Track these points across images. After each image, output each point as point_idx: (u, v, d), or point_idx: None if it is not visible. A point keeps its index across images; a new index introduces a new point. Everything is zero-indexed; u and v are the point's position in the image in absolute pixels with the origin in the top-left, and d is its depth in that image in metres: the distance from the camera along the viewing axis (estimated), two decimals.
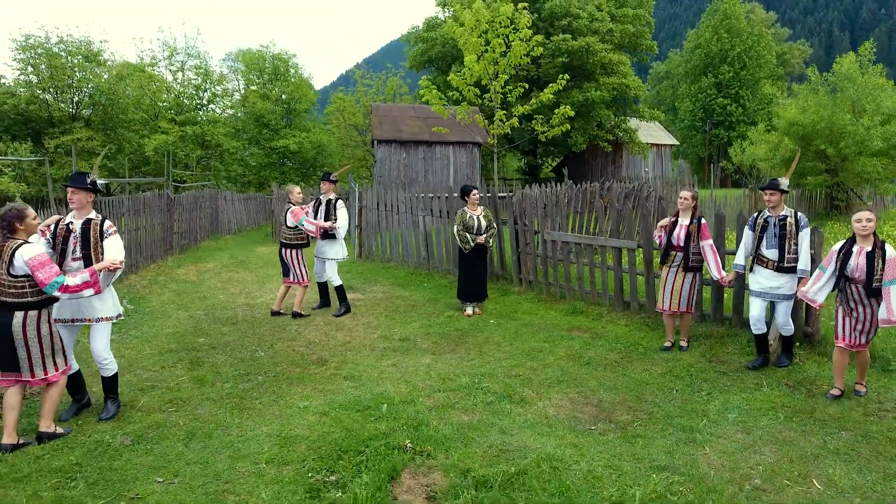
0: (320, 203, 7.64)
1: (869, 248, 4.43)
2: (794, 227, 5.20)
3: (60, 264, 4.23)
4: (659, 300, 6.05)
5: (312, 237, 7.60)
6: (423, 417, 4.33)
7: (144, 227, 10.97)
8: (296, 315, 7.44)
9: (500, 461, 3.68)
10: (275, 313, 7.54)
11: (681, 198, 5.95)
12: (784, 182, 5.40)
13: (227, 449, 3.97)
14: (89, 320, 4.39)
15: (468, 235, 7.53)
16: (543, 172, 25.29)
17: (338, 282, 7.63)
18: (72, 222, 4.34)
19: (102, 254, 4.30)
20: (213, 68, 32.15)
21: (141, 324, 7.19)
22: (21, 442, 3.98)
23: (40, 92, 26.60)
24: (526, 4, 12.17)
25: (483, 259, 7.68)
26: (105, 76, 28.03)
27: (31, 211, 4.05)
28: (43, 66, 26.18)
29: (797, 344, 5.68)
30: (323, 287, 7.99)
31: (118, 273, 4.37)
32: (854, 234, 4.54)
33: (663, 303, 5.97)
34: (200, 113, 29.12)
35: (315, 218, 7.56)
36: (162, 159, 27.90)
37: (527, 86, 12.74)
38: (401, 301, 8.32)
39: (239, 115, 32.91)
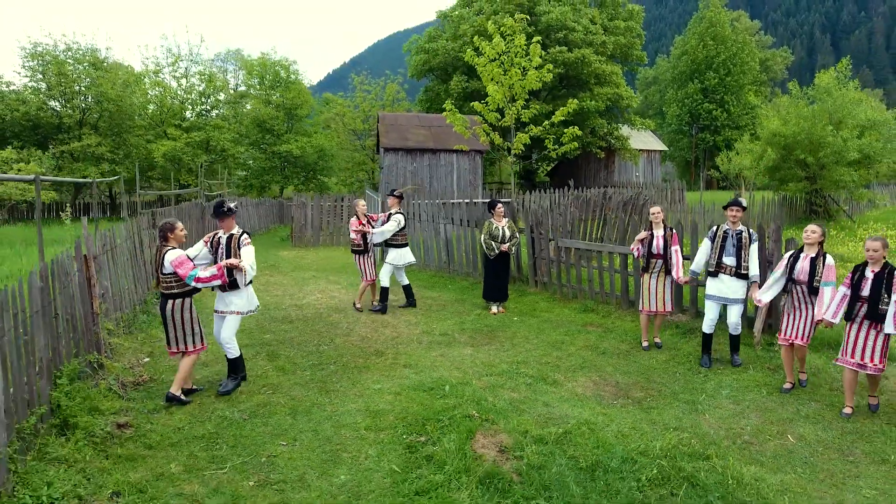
0: (390, 216, 8.67)
1: (813, 255, 5.44)
2: (747, 240, 6.13)
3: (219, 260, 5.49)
4: (644, 303, 6.91)
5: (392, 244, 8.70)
6: (480, 395, 5.38)
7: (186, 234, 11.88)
8: (354, 307, 8.59)
9: (548, 425, 4.75)
10: (358, 309, 8.64)
11: (652, 213, 6.94)
12: (744, 201, 6.47)
13: (327, 420, 5.00)
14: (226, 312, 5.48)
15: (493, 243, 8.59)
16: (538, 177, 26.40)
17: (385, 283, 8.66)
18: (221, 235, 5.44)
19: (239, 258, 5.41)
20: (216, 73, 32.79)
21: (208, 323, 8.16)
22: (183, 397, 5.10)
23: (48, 99, 27.25)
24: (539, 39, 13.23)
25: (506, 264, 8.75)
26: (111, 83, 28.75)
27: (179, 224, 5.25)
28: (51, 74, 26.83)
29: (766, 336, 6.80)
30: (406, 288, 8.98)
31: (249, 274, 5.42)
32: (803, 243, 5.60)
33: (649, 305, 6.87)
34: (205, 119, 29.86)
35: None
36: (168, 164, 28.66)
37: (538, 106, 13.85)
38: (431, 301, 9.36)
39: (236, 114, 33.61)
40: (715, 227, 6.42)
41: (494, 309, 8.62)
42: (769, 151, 16.98)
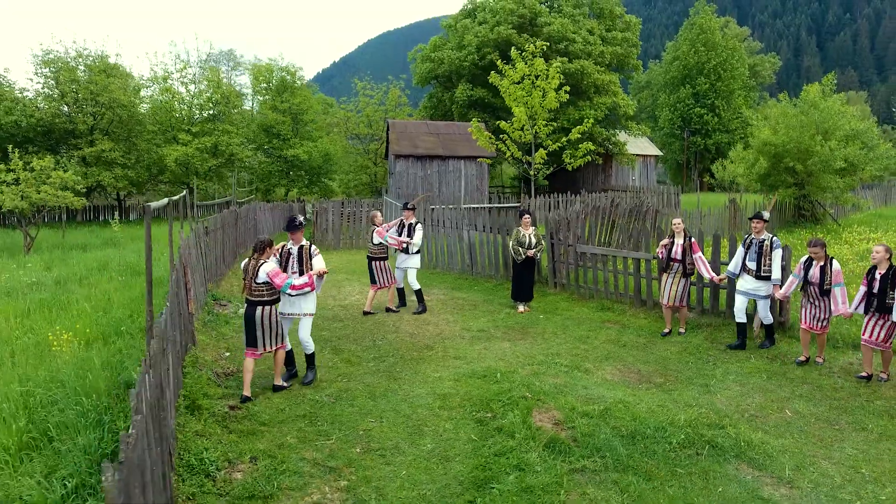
0: (403, 225, 9.60)
1: (822, 264, 6.62)
2: (769, 248, 7.35)
3: (285, 270, 6.34)
4: (663, 297, 8.22)
5: (395, 250, 9.59)
6: (528, 380, 6.37)
7: (224, 240, 12.77)
8: (388, 310, 9.45)
9: (590, 403, 5.75)
10: (366, 313, 9.48)
11: (674, 224, 8.21)
12: (766, 214, 7.58)
13: (403, 402, 5.97)
14: (299, 315, 6.40)
15: (521, 249, 9.59)
16: (539, 181, 27.44)
17: (417, 286, 9.61)
18: (290, 247, 6.37)
19: (311, 267, 6.32)
20: (223, 79, 33.54)
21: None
22: (250, 395, 5.98)
23: (61, 105, 27.88)
24: (559, 64, 14.29)
25: (531, 268, 9.75)
26: (123, 89, 29.43)
27: (273, 242, 6.14)
28: (63, 81, 27.47)
29: (778, 330, 7.87)
30: (400, 291, 9.95)
31: (324, 279, 6.37)
32: (812, 257, 6.76)
33: (666, 299, 8.15)
34: (213, 124, 30.60)
35: (400, 237, 9.54)
36: (178, 168, 29.37)
37: (555, 124, 14.92)
38: (461, 301, 10.35)
39: (243, 118, 34.37)
40: (746, 236, 7.65)
41: (521, 308, 9.62)
42: (761, 160, 18.13)
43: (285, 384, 6.21)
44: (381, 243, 9.51)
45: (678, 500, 4.22)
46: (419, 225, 9.61)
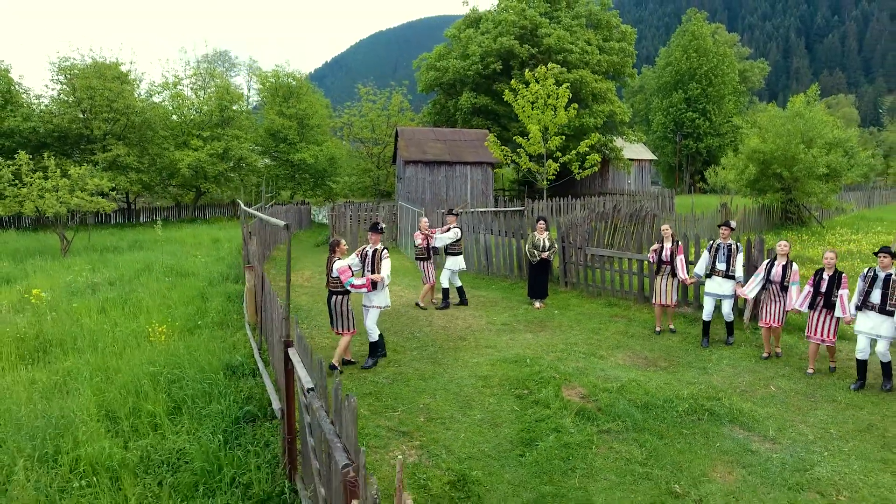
0: (449, 229, 10.75)
1: (784, 263, 7.75)
2: (734, 251, 8.45)
3: (362, 272, 7.40)
4: (656, 296, 9.17)
5: (448, 252, 10.77)
6: (554, 364, 7.50)
7: (261, 241, 13.82)
8: (417, 305, 10.58)
9: (608, 382, 6.88)
10: (421, 307, 10.62)
11: (663, 230, 9.30)
12: (733, 223, 8.76)
13: (450, 383, 7.08)
14: (369, 306, 7.53)
15: (535, 251, 10.72)
16: (540, 184, 28.64)
17: (446, 286, 10.74)
18: (368, 249, 7.50)
19: (380, 269, 7.42)
20: (231, 85, 34.48)
21: (313, 318, 10.16)
22: (338, 367, 7.07)
23: (78, 112, 28.70)
24: (568, 84, 15.50)
25: (545, 269, 10.88)
26: (134, 94, 30.34)
27: (343, 241, 7.28)
28: (79, 87, 28.32)
29: (753, 323, 9.04)
30: (460, 290, 11.04)
31: (386, 282, 7.47)
32: (777, 253, 7.86)
33: (660, 299, 9.12)
34: (224, 130, 31.55)
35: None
36: (189, 172, 30.26)
37: (563, 138, 16.14)
38: (482, 299, 11.47)
39: (252, 123, 35.34)
40: (711, 242, 8.69)
41: (537, 304, 10.75)
42: (750, 166, 19.39)
43: (338, 368, 7.29)
44: (417, 245, 10.69)
45: (685, 452, 5.37)
46: (455, 228, 10.77)
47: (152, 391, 5.52)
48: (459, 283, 11.11)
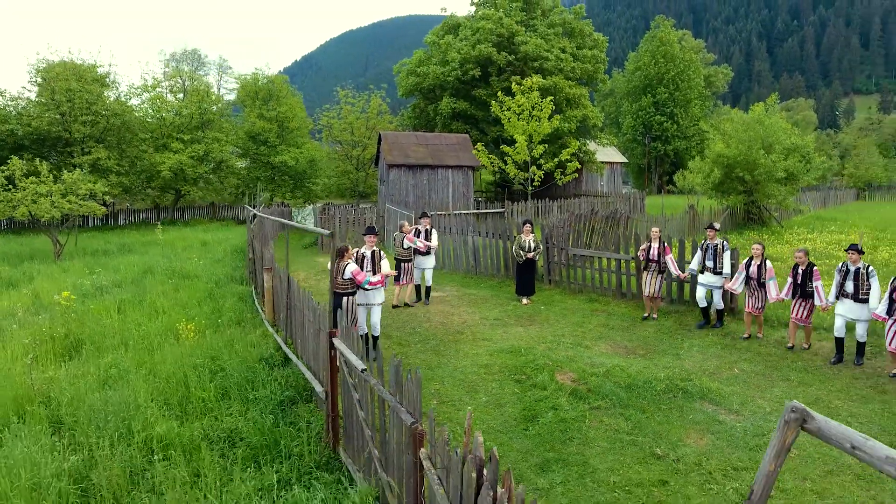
0: (420, 231, 11.52)
1: (759, 262, 8.86)
2: (721, 250, 9.58)
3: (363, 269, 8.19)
4: (644, 289, 10.36)
5: (420, 252, 11.50)
6: (546, 354, 8.40)
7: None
8: (406, 305, 11.35)
9: (595, 367, 7.81)
10: (395, 307, 11.35)
11: (652, 232, 10.37)
12: (717, 224, 9.84)
13: (455, 371, 7.91)
14: (373, 304, 8.29)
15: (521, 252, 11.62)
16: (515, 186, 29.68)
17: (430, 283, 11.56)
18: (364, 251, 8.25)
19: (381, 268, 8.20)
20: (211, 83, 34.63)
21: None
22: None
23: (57, 114, 28.58)
24: (551, 98, 16.50)
25: (531, 268, 11.79)
26: (111, 95, 30.34)
27: (350, 247, 8.02)
28: (59, 90, 28.23)
29: (728, 314, 10.12)
30: (418, 288, 11.84)
31: (391, 276, 8.26)
32: (752, 254, 8.99)
33: (646, 290, 10.30)
34: (204, 133, 31.74)
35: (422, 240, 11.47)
36: (170, 175, 30.39)
37: (546, 146, 17.16)
38: (473, 296, 12.32)
39: (233, 126, 35.57)
40: (703, 242, 9.81)
41: (525, 301, 11.66)
42: (715, 171, 20.71)
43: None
44: (409, 247, 11.41)
45: (664, 423, 6.31)
46: (434, 230, 11.56)
47: (198, 380, 6.22)
48: (430, 283, 11.87)
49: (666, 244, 10.34)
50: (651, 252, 10.24)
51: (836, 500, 4.93)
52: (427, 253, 11.53)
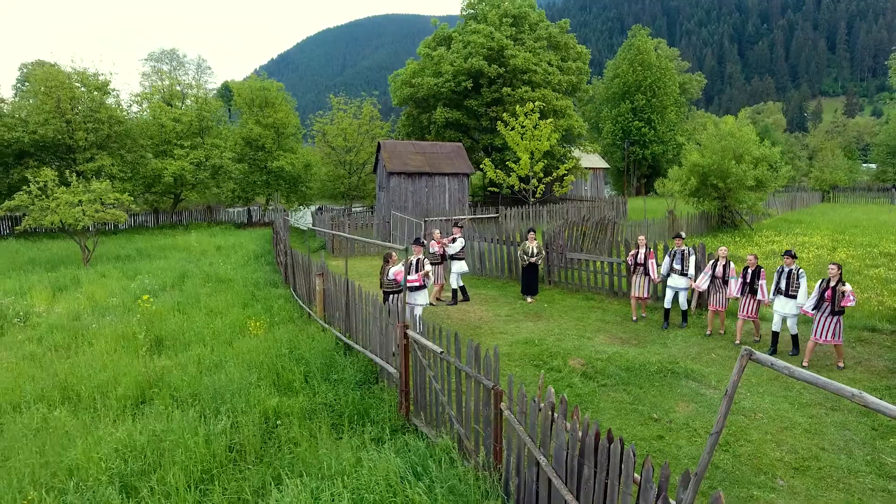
0: (454, 239, 13.10)
1: (724, 263, 10.57)
2: (687, 255, 11.25)
3: (407, 274, 9.71)
4: (634, 290, 11.91)
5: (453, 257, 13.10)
6: (556, 343, 10.00)
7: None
8: (433, 304, 12.89)
9: (599, 354, 9.44)
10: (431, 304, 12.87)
11: (639, 240, 11.98)
12: (683, 234, 11.54)
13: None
14: (415, 304, 9.82)
15: (525, 256, 13.24)
16: (504, 191, 31.34)
17: (455, 285, 13.11)
18: (412, 259, 9.80)
19: (422, 268, 9.75)
20: (211, 91, 35.62)
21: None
22: None
23: (62, 123, 29.36)
24: (552, 120, 18.18)
25: (535, 270, 13.41)
26: (112, 102, 31.20)
27: (395, 254, 9.55)
28: (63, 98, 29.02)
29: (699, 310, 11.84)
30: (462, 289, 13.37)
31: (431, 279, 9.80)
32: (717, 256, 10.69)
33: (635, 292, 11.87)
34: (203, 139, 32.76)
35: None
36: (171, 180, 31.36)
37: (546, 161, 18.88)
38: (483, 296, 13.89)
39: (230, 132, 36.60)
40: (672, 249, 11.42)
41: (529, 300, 13.27)
42: (692, 179, 22.63)
43: None
44: (433, 252, 13.00)
45: (658, 396, 7.96)
46: (460, 239, 13.14)
47: (285, 366, 7.69)
48: (462, 284, 13.47)
49: (651, 250, 11.98)
50: (638, 257, 11.87)
51: (789, 447, 6.60)
52: (460, 258, 13.16)
